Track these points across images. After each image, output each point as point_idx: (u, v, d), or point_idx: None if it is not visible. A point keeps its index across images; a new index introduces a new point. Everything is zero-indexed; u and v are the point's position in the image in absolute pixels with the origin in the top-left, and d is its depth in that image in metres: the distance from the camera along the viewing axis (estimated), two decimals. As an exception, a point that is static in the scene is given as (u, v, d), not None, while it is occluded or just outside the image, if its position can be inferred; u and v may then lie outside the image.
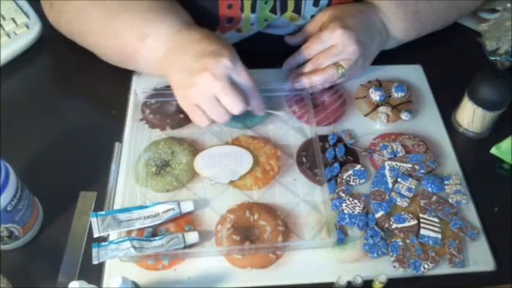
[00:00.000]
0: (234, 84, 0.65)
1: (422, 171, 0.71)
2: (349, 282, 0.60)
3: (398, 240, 0.65)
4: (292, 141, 0.75)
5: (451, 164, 0.74)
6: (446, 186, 0.70)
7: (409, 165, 0.72)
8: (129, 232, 0.64)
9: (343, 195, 0.69)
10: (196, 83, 0.64)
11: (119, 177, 0.69)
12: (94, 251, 0.60)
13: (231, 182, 0.70)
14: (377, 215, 0.67)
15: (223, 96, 0.64)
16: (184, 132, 0.74)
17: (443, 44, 0.88)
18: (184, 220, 0.66)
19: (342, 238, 0.65)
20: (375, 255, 0.64)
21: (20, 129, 0.74)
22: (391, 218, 0.67)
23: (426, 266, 0.63)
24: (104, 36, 0.72)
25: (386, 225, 0.66)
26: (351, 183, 0.70)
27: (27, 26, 0.82)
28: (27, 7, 0.85)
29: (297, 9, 0.78)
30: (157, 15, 0.69)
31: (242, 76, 0.66)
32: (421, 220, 0.67)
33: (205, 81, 0.63)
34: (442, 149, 0.75)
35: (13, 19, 0.82)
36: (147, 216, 0.64)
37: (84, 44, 0.76)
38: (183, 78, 0.66)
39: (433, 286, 0.63)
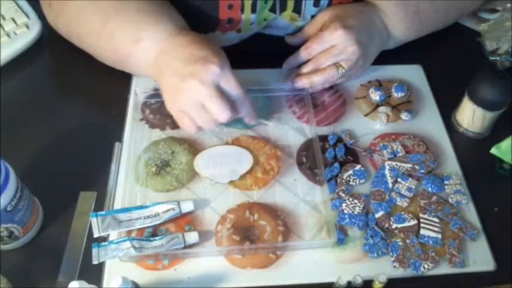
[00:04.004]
0: (222, 92, 0.64)
1: (422, 171, 0.71)
2: (349, 282, 0.60)
3: (398, 240, 0.65)
4: (292, 141, 0.75)
5: (451, 164, 0.74)
6: (446, 186, 0.70)
7: (409, 165, 0.72)
8: (129, 232, 0.64)
9: (343, 195, 0.69)
10: (184, 89, 0.63)
11: (119, 177, 0.69)
12: (94, 251, 0.60)
13: (231, 182, 0.70)
14: (377, 215, 0.67)
15: (210, 103, 0.63)
16: (184, 132, 0.74)
17: (443, 44, 0.88)
18: (184, 220, 0.66)
19: (342, 238, 0.65)
20: (375, 255, 0.64)
21: (20, 129, 0.74)
22: (391, 218, 0.67)
23: (426, 266, 0.63)
24: (100, 39, 0.72)
25: (386, 225, 0.66)
26: (351, 183, 0.70)
27: (27, 26, 0.82)
28: (27, 7, 0.84)
29: (297, 9, 0.78)
30: (151, 18, 0.69)
31: (231, 83, 0.65)
32: (421, 220, 0.67)
33: (192, 87, 0.63)
34: (442, 149, 0.75)
35: (13, 19, 0.82)
36: (147, 216, 0.64)
37: (81, 45, 0.76)
38: (172, 83, 0.65)
39: (433, 286, 0.63)
